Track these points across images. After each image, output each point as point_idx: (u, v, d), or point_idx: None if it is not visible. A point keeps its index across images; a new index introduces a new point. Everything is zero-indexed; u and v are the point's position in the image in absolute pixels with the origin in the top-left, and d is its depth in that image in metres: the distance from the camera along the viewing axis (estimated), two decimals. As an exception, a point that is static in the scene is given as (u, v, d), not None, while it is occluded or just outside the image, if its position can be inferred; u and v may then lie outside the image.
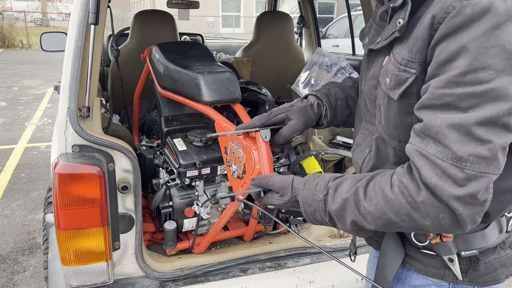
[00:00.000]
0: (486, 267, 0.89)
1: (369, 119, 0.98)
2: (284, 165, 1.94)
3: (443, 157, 0.68)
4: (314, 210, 0.89)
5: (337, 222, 0.86)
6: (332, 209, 0.85)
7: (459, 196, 0.67)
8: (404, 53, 0.77)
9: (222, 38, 6.65)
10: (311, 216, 0.91)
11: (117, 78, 2.68)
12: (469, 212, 0.68)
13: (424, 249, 0.92)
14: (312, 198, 0.89)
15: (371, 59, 0.94)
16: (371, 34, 0.97)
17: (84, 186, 1.30)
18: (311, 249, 1.74)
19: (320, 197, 0.87)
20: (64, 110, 1.35)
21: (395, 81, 0.79)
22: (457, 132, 0.67)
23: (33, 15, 26.74)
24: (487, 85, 0.65)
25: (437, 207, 0.69)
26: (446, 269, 0.90)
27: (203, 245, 1.71)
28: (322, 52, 2.43)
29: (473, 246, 0.87)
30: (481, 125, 0.66)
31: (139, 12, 3.03)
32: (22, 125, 6.32)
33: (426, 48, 0.73)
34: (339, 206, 0.83)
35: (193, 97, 1.73)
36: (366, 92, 0.96)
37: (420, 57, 0.74)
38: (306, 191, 0.91)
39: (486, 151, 0.66)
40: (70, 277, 1.43)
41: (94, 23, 1.35)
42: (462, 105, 0.67)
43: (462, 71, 0.66)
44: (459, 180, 0.67)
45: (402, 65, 0.77)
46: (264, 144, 1.21)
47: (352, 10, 3.86)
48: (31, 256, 2.96)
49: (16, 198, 3.88)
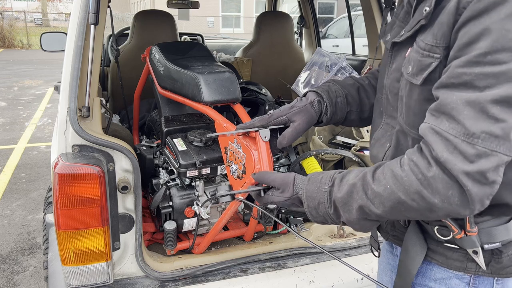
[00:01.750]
0: (509, 259, 0.89)
1: (391, 113, 0.99)
2: (284, 165, 1.94)
3: (456, 133, 0.70)
4: (318, 203, 0.88)
5: (342, 211, 0.85)
6: (338, 196, 0.85)
7: (468, 172, 0.68)
8: (428, 39, 0.79)
9: (222, 38, 6.65)
10: (314, 211, 0.90)
11: (117, 78, 2.68)
12: (478, 190, 0.69)
13: (447, 243, 0.92)
14: (316, 190, 0.89)
15: (394, 53, 0.96)
16: (395, 31, 0.99)
17: (84, 186, 1.30)
18: (311, 249, 1.74)
19: (326, 189, 0.87)
20: (64, 110, 1.35)
21: (417, 67, 0.81)
22: (472, 108, 0.68)
23: (33, 15, 26.73)
24: (505, 65, 0.67)
25: (447, 182, 0.70)
26: (469, 262, 0.91)
27: (203, 245, 1.71)
28: (322, 52, 2.43)
29: (496, 239, 0.88)
30: (496, 104, 0.67)
31: (139, 12, 3.03)
32: (22, 125, 6.32)
33: (450, 32, 0.75)
34: (345, 193, 0.84)
35: (193, 97, 1.73)
36: (388, 86, 0.98)
37: (444, 42, 0.76)
38: (311, 185, 0.91)
39: (499, 129, 0.67)
40: (70, 277, 1.43)
41: (94, 23, 1.35)
42: (480, 84, 0.69)
43: (483, 51, 0.68)
44: (470, 156, 0.68)
45: (426, 50, 0.80)
46: (264, 144, 1.21)
47: (352, 10, 3.86)
48: (31, 256, 2.96)
49: (16, 198, 3.88)
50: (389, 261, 1.19)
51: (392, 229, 1.07)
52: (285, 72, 3.38)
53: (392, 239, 1.08)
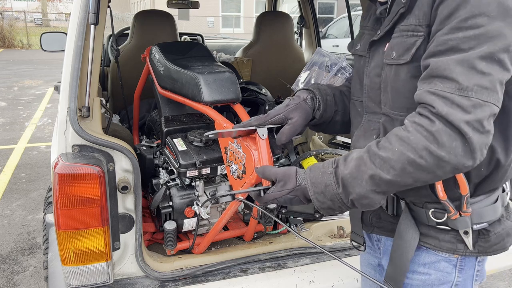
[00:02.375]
0: (496, 237, 0.97)
1: (373, 110, 1.04)
2: (284, 165, 1.94)
3: (451, 90, 0.77)
4: (325, 185, 0.89)
5: (352, 187, 0.86)
6: (346, 173, 0.87)
7: (468, 121, 0.75)
8: (411, 21, 0.88)
9: (222, 38, 6.65)
10: (321, 195, 0.90)
11: (117, 78, 2.68)
12: (478, 138, 0.76)
13: (439, 225, 0.97)
14: (321, 175, 0.91)
15: (371, 53, 1.03)
16: (366, 38, 1.08)
17: (84, 186, 1.30)
18: (311, 249, 1.74)
19: (330, 170, 0.90)
20: (64, 110, 1.35)
21: (403, 48, 0.89)
22: (462, 66, 0.77)
23: (33, 15, 26.73)
24: (484, 28, 0.77)
25: (450, 134, 0.76)
26: (459, 243, 0.97)
27: (203, 245, 1.71)
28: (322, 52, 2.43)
29: (484, 219, 0.95)
30: (482, 60, 0.76)
31: (139, 12, 3.03)
32: (22, 125, 6.32)
33: (430, 10, 0.84)
34: (353, 167, 0.86)
35: (193, 97, 1.73)
36: (368, 85, 1.04)
37: (426, 20, 0.85)
38: (313, 172, 0.93)
39: (487, 82, 0.76)
40: (70, 277, 1.43)
41: (94, 23, 1.35)
42: (464, 46, 0.78)
43: (463, 17, 0.78)
44: (467, 107, 0.76)
45: (410, 31, 0.88)
46: (264, 144, 1.21)
47: (352, 10, 3.86)
48: (31, 256, 2.96)
49: (16, 198, 3.88)
50: (369, 261, 1.23)
51: (378, 221, 1.11)
52: (285, 72, 3.38)
53: (378, 231, 1.11)
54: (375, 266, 1.23)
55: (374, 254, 1.22)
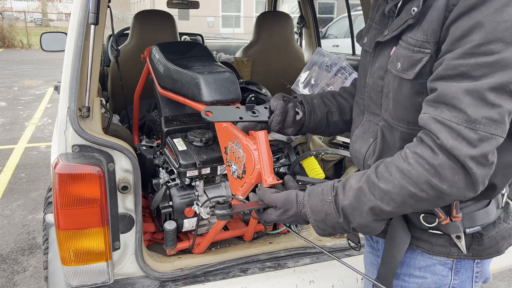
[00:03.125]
0: (490, 241, 0.95)
1: (373, 110, 1.03)
2: (284, 165, 1.94)
3: (458, 121, 0.74)
4: (325, 215, 0.89)
5: (353, 217, 0.86)
6: (346, 204, 0.86)
7: (473, 156, 0.73)
8: (418, 35, 0.84)
9: (222, 38, 6.64)
10: (321, 224, 0.91)
11: (117, 78, 2.68)
12: (481, 172, 0.75)
13: (431, 229, 0.96)
14: (321, 203, 0.90)
15: (376, 52, 1.00)
16: (372, 33, 1.04)
17: (84, 186, 1.30)
18: (311, 249, 1.74)
19: (330, 199, 0.89)
20: (64, 110, 1.35)
21: (408, 63, 0.85)
22: (471, 97, 0.73)
23: (33, 15, 26.72)
24: (498, 55, 0.72)
25: (453, 168, 0.74)
26: (452, 247, 0.96)
27: (203, 245, 1.71)
28: (322, 52, 2.43)
29: (477, 223, 0.93)
30: (492, 91, 0.72)
31: (139, 12, 3.03)
32: (22, 125, 6.32)
33: (440, 28, 0.80)
34: (352, 198, 0.85)
35: (193, 97, 1.73)
36: (371, 84, 1.02)
37: (434, 38, 0.81)
38: (312, 199, 0.92)
39: (496, 114, 0.73)
40: (70, 277, 1.43)
41: (94, 23, 1.35)
42: (476, 73, 0.73)
43: (476, 43, 0.73)
44: (473, 141, 0.73)
45: (417, 46, 0.84)
46: (265, 144, 1.22)
47: (352, 10, 3.86)
48: (31, 256, 2.96)
49: (16, 198, 3.88)
50: (372, 261, 1.23)
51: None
52: (285, 72, 3.38)
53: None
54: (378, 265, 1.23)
55: (376, 254, 1.22)
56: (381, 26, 1.02)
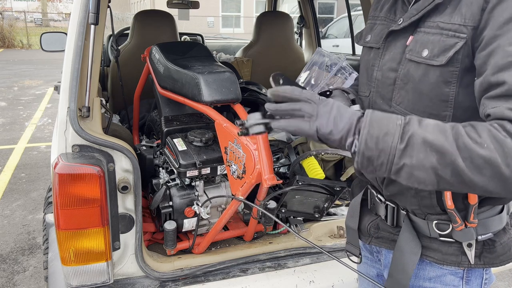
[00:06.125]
0: (502, 247, 0.92)
1: (380, 106, 0.97)
2: (284, 165, 1.94)
3: None
4: (385, 134, 0.72)
5: (418, 151, 0.71)
6: (419, 133, 0.71)
7: None
8: (456, 18, 0.79)
9: (222, 38, 6.64)
10: (372, 141, 0.73)
11: (117, 78, 2.68)
12: None
13: (442, 237, 0.93)
14: (386, 121, 0.74)
15: (387, 44, 0.95)
16: (378, 29, 1.00)
17: (84, 186, 1.30)
18: (311, 249, 1.74)
19: (399, 123, 0.73)
20: (64, 110, 1.35)
21: (439, 48, 0.81)
22: None
23: (33, 15, 26.73)
24: None
25: None
26: (463, 255, 0.93)
27: (203, 245, 1.71)
28: (322, 52, 2.43)
29: (490, 230, 0.91)
30: None
31: (139, 12, 3.03)
32: (22, 125, 6.32)
33: (480, 12, 0.76)
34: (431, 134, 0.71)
35: (193, 97, 1.73)
36: (380, 78, 0.97)
37: (473, 22, 0.77)
38: (377, 114, 0.76)
39: None
40: (70, 277, 1.43)
41: (94, 23, 1.35)
42: None
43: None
44: None
45: (452, 30, 0.79)
46: (265, 144, 1.22)
47: (352, 10, 3.86)
48: (31, 256, 2.96)
49: (16, 198, 3.88)
50: (368, 271, 1.18)
51: (376, 231, 1.06)
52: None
53: (376, 242, 1.06)
54: (374, 277, 1.19)
55: (372, 265, 1.18)
56: (388, 21, 0.98)
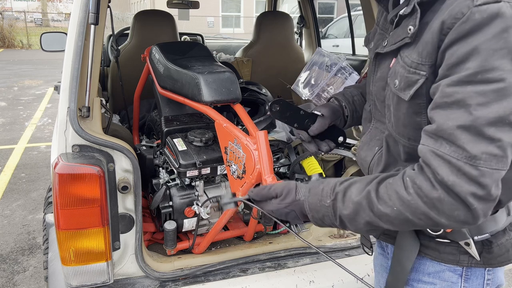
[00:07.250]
0: (499, 248, 0.93)
1: (379, 118, 1.02)
2: (284, 165, 1.94)
3: (458, 157, 0.72)
4: (323, 216, 0.90)
5: (349, 225, 0.88)
6: (344, 213, 0.87)
7: (475, 193, 0.71)
8: (413, 56, 0.82)
9: (222, 38, 6.64)
10: (319, 221, 0.92)
11: (117, 78, 2.68)
12: (483, 206, 0.73)
13: (438, 238, 0.95)
14: (319, 204, 0.90)
15: (377, 62, 0.99)
16: (376, 38, 1.03)
17: (84, 186, 1.30)
18: (311, 249, 1.74)
19: (328, 203, 0.89)
20: (64, 110, 1.35)
21: (405, 83, 0.83)
22: (469, 133, 0.71)
23: (33, 15, 26.71)
24: (496, 84, 0.70)
25: (452, 204, 0.73)
26: (461, 254, 0.94)
27: (203, 245, 1.72)
28: (322, 52, 2.43)
29: (485, 231, 0.91)
30: (491, 125, 0.70)
31: (139, 12, 3.03)
32: (22, 125, 6.32)
33: (435, 51, 0.77)
34: (351, 211, 0.85)
35: (193, 97, 1.73)
36: (375, 93, 1.00)
37: (430, 60, 0.78)
38: (312, 197, 0.92)
39: (496, 149, 0.71)
40: (70, 277, 1.43)
41: (94, 23, 1.35)
42: (472, 101, 0.71)
43: (473, 71, 0.71)
44: (475, 177, 0.71)
45: (412, 67, 0.82)
46: (265, 144, 1.22)
47: (352, 10, 3.86)
48: (31, 256, 2.96)
49: (16, 198, 3.88)
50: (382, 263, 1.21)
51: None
52: (285, 72, 3.38)
53: (383, 238, 1.10)
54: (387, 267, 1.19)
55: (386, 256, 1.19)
56: (383, 32, 1.01)
